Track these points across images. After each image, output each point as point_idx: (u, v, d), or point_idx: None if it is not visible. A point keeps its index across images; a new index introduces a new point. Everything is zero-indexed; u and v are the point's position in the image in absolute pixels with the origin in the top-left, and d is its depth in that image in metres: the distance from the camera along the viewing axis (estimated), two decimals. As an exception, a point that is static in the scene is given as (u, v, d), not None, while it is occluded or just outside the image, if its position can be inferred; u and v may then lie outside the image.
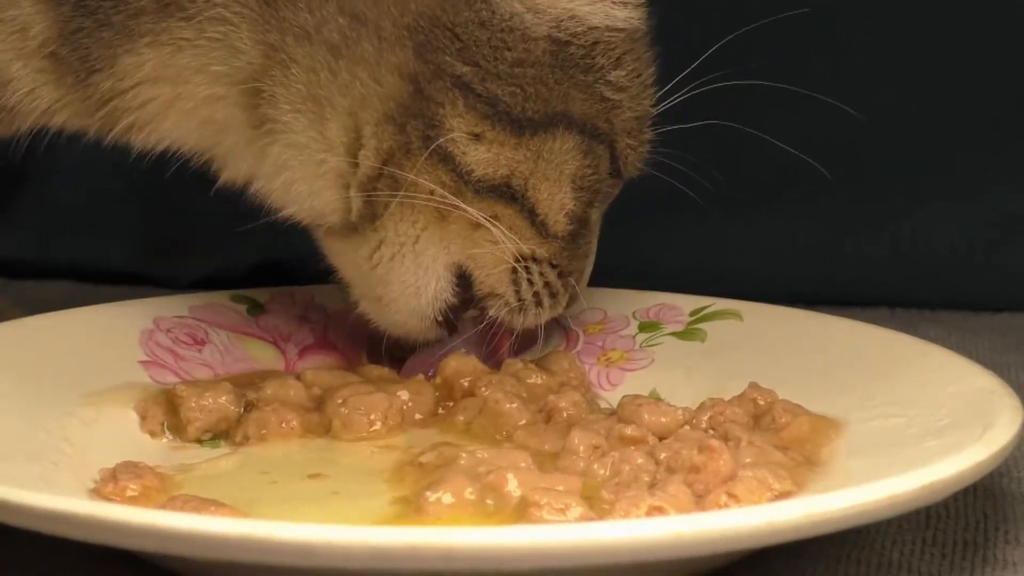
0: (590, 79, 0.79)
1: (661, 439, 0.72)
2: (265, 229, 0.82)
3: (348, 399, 0.78)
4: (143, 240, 1.19)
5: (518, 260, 0.79)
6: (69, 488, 0.68)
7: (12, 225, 1.20)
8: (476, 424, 0.77)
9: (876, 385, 0.77)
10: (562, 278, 0.81)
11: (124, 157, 0.82)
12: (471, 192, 0.77)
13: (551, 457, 0.72)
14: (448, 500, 0.64)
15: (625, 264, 0.89)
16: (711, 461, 0.66)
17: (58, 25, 0.77)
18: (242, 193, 0.81)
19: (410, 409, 0.79)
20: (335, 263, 0.82)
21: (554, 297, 0.81)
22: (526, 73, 0.77)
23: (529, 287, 0.80)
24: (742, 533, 0.56)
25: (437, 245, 0.79)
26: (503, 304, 0.80)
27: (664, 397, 0.82)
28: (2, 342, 0.80)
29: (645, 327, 0.89)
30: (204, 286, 0.99)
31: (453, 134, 0.76)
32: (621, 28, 0.80)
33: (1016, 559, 0.68)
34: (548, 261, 0.80)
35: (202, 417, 0.77)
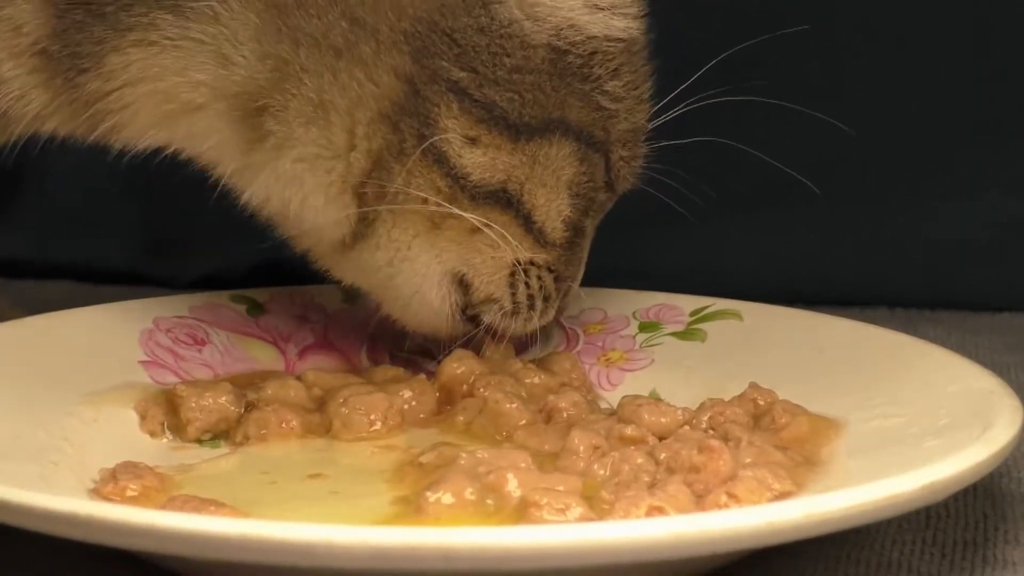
0: (587, 88, 0.78)
1: (661, 439, 0.72)
2: (265, 229, 0.81)
3: (348, 399, 0.78)
4: (143, 240, 1.19)
5: (517, 264, 0.79)
6: (69, 488, 0.68)
7: (12, 225, 1.20)
8: (476, 424, 0.77)
9: (876, 385, 0.77)
10: (557, 283, 0.81)
11: (120, 158, 0.81)
12: (467, 198, 0.77)
13: (551, 457, 0.72)
14: (448, 500, 0.64)
15: (625, 264, 0.89)
16: (711, 461, 0.66)
17: (52, 21, 0.77)
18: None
19: (410, 409, 0.79)
20: (349, 279, 0.82)
21: (547, 302, 0.81)
22: (524, 80, 0.76)
23: (525, 290, 0.80)
24: (742, 533, 0.56)
25: (429, 252, 0.78)
26: (498, 308, 0.80)
27: (664, 397, 0.82)
28: (2, 342, 0.80)
29: (645, 327, 0.89)
30: (204, 286, 0.99)
31: (448, 135, 0.76)
32: (620, 39, 0.79)
33: (1016, 559, 0.68)
34: (547, 266, 0.80)
35: (202, 417, 0.77)
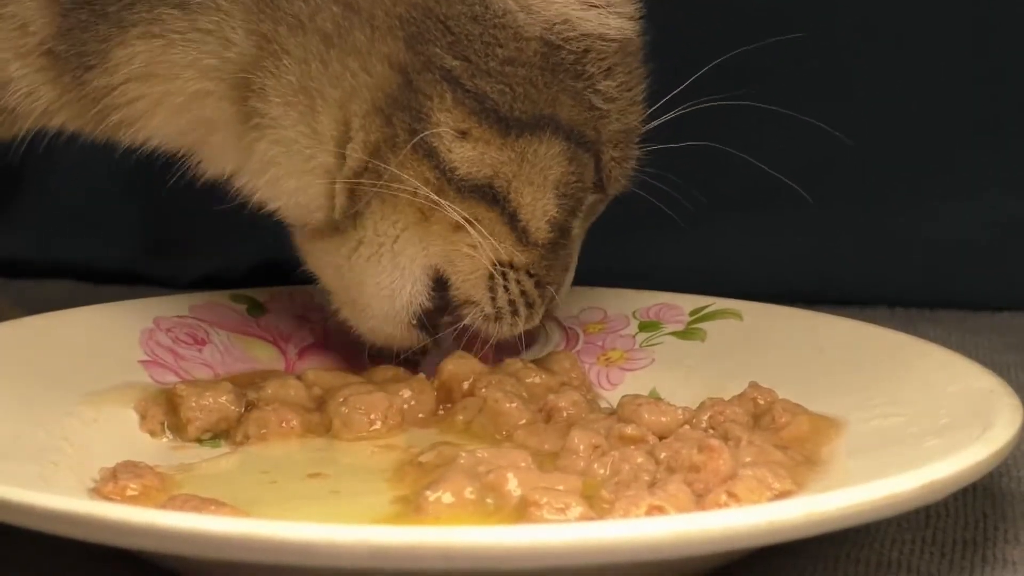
0: (580, 86, 0.78)
1: (661, 439, 0.72)
2: (265, 229, 0.81)
3: (348, 398, 0.78)
4: (143, 240, 1.19)
5: (495, 266, 0.78)
6: (69, 488, 0.68)
7: (12, 225, 1.20)
8: (476, 424, 0.77)
9: (876, 385, 0.77)
10: (539, 288, 0.80)
11: (124, 157, 0.82)
12: (453, 191, 0.76)
13: (551, 457, 0.72)
14: (448, 499, 0.64)
15: (625, 264, 0.89)
16: (711, 460, 0.66)
17: (56, 21, 0.77)
18: (231, 189, 0.80)
19: (410, 409, 0.79)
20: (315, 268, 0.82)
21: (530, 307, 0.80)
22: (516, 72, 0.76)
23: (505, 294, 0.79)
24: (742, 533, 0.56)
25: (416, 246, 0.78)
26: (479, 312, 0.80)
27: (664, 397, 0.82)
28: (2, 342, 0.80)
29: (645, 327, 0.89)
30: (204, 286, 0.99)
31: (439, 128, 0.75)
32: (614, 38, 0.79)
33: (1016, 558, 0.68)
34: (526, 270, 0.79)
35: (202, 417, 0.77)
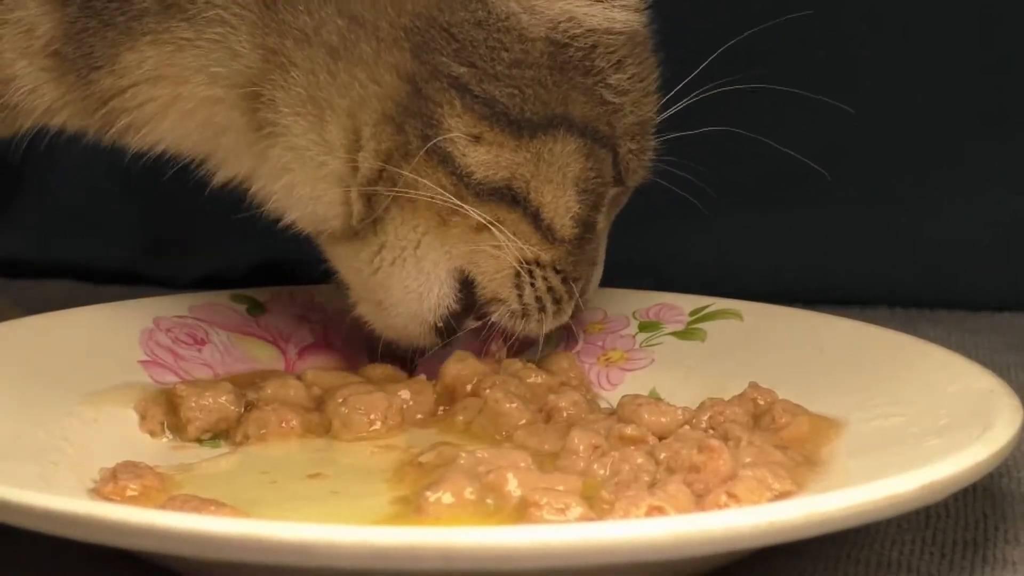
0: (590, 82, 0.78)
1: (661, 439, 0.72)
2: (265, 229, 0.82)
3: (348, 399, 0.78)
4: (143, 240, 1.19)
5: (521, 264, 0.78)
6: (69, 488, 0.68)
7: (12, 225, 1.20)
8: (476, 424, 0.77)
9: (876, 385, 0.77)
10: (566, 284, 0.80)
11: (124, 157, 0.82)
12: (472, 195, 0.76)
13: (551, 457, 0.72)
14: (448, 500, 0.64)
15: (625, 264, 0.89)
16: (711, 461, 0.66)
17: (63, 25, 0.78)
18: (243, 193, 0.81)
19: (410, 409, 0.79)
20: (336, 266, 0.82)
21: (558, 303, 0.80)
22: (524, 74, 0.76)
23: (532, 291, 0.79)
24: (742, 533, 0.56)
25: (438, 250, 0.78)
26: (506, 309, 0.80)
27: (664, 397, 0.82)
28: (2, 342, 0.80)
29: (645, 327, 0.89)
30: (204, 286, 0.99)
31: (452, 134, 0.76)
32: (621, 31, 0.79)
33: (1016, 559, 0.68)
34: (552, 266, 0.79)
35: (202, 417, 0.77)
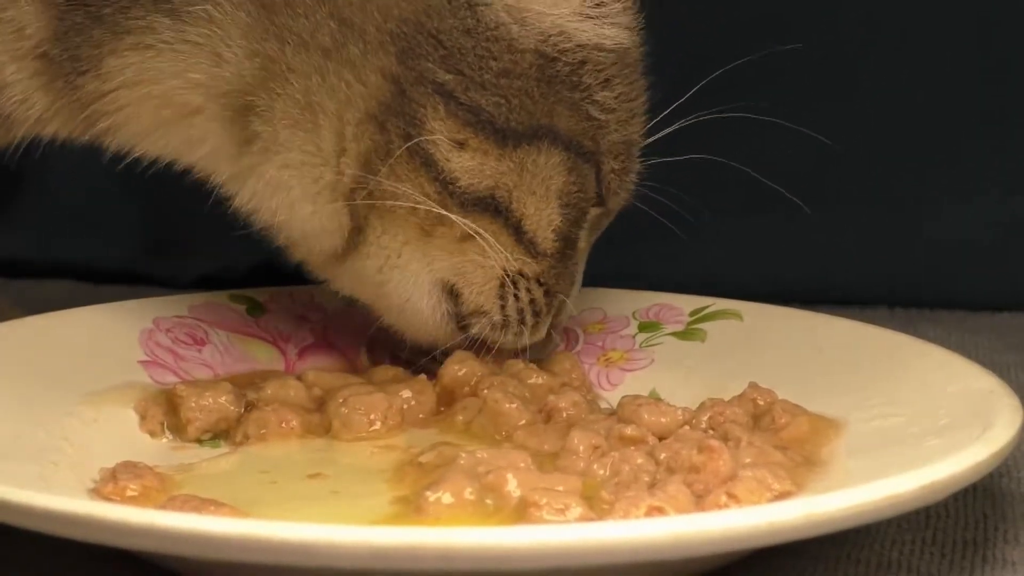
0: (577, 97, 0.78)
1: (661, 439, 0.72)
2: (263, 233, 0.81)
3: (348, 399, 0.78)
4: (143, 240, 1.19)
5: (507, 275, 0.78)
6: (69, 488, 0.68)
7: (12, 225, 1.20)
8: (476, 424, 0.77)
9: (876, 385, 0.77)
10: (548, 297, 0.80)
11: (120, 162, 0.81)
12: (456, 204, 0.76)
13: (551, 457, 0.72)
14: (448, 500, 0.64)
15: (624, 264, 0.89)
16: (711, 461, 0.66)
17: (53, 24, 0.77)
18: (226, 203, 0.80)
19: (410, 409, 0.79)
20: (347, 289, 0.82)
21: (537, 316, 0.80)
22: (511, 84, 0.76)
23: (515, 303, 0.79)
24: (742, 533, 0.56)
25: (420, 261, 0.78)
26: (488, 321, 0.79)
27: (664, 397, 0.82)
28: (2, 342, 0.80)
29: (645, 327, 0.89)
30: (204, 286, 0.99)
31: (434, 136, 0.75)
32: (611, 48, 0.79)
33: (1016, 559, 0.68)
34: (536, 278, 0.79)
35: (202, 417, 0.77)
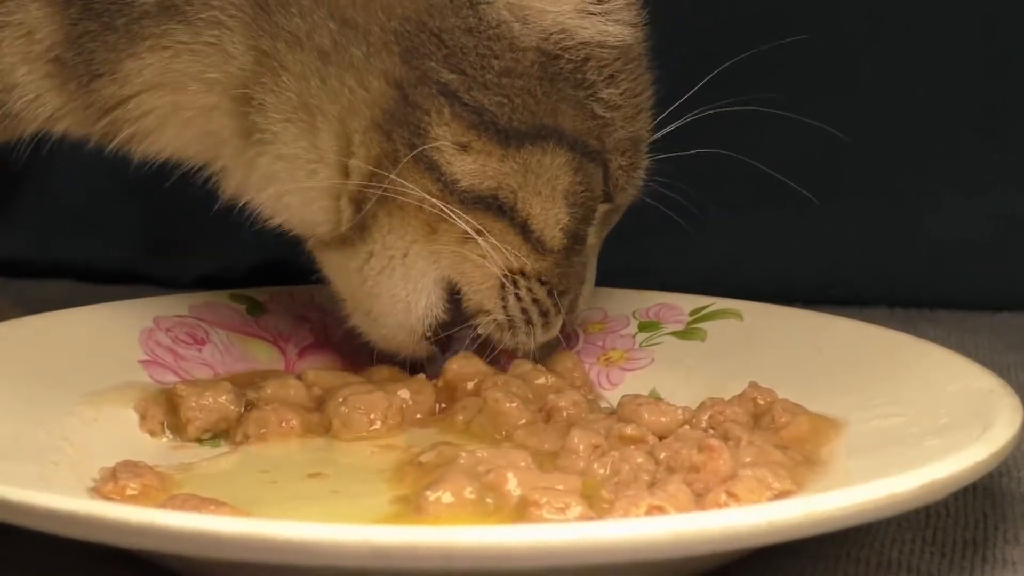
0: (581, 95, 0.77)
1: (661, 438, 0.72)
2: (265, 229, 0.81)
3: (348, 398, 0.78)
4: (143, 240, 1.19)
5: (506, 275, 0.78)
6: (69, 487, 0.68)
7: (12, 225, 1.20)
8: (476, 423, 0.77)
9: (876, 385, 0.77)
10: (552, 296, 0.79)
11: (124, 158, 0.82)
12: (458, 203, 0.76)
13: (551, 456, 0.72)
14: (448, 499, 0.64)
15: (624, 264, 0.89)
16: (711, 460, 0.66)
17: (64, 29, 0.77)
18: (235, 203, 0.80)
19: (410, 408, 0.79)
20: (327, 275, 0.82)
21: (545, 316, 0.80)
22: (514, 84, 0.76)
23: (517, 303, 0.79)
24: (742, 532, 0.56)
25: (426, 259, 0.78)
26: (491, 320, 0.79)
27: (664, 397, 0.82)
28: (2, 342, 0.80)
29: (645, 327, 0.89)
30: (204, 286, 0.99)
31: (438, 143, 0.75)
32: (614, 45, 0.78)
33: (1016, 558, 0.68)
34: (537, 277, 0.79)
35: (202, 416, 0.77)
